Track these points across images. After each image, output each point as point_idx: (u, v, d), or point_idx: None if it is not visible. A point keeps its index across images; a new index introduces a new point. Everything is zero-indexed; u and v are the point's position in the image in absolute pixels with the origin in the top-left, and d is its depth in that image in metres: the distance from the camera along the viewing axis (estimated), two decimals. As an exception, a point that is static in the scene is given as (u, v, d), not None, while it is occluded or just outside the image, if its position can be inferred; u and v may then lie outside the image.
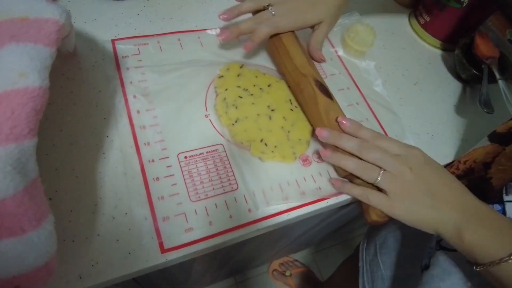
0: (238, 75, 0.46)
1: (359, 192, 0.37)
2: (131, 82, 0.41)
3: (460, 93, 0.57)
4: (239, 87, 0.45)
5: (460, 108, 0.55)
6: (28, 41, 0.23)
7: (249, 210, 0.37)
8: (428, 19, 0.60)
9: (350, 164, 0.37)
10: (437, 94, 0.55)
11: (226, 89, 0.45)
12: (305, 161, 0.41)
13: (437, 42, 0.61)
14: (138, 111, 0.39)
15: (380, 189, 0.37)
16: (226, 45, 0.48)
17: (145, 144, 0.38)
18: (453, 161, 0.48)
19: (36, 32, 0.24)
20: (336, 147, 0.39)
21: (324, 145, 0.42)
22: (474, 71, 0.54)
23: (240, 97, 0.45)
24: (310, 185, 0.40)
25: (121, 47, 0.44)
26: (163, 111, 0.40)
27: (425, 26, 0.61)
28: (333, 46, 0.54)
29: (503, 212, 0.39)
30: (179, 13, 0.50)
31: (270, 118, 0.43)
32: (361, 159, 0.37)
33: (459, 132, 0.52)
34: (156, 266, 0.33)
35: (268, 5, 0.44)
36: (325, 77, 0.50)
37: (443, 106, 0.54)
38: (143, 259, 0.32)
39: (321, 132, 0.39)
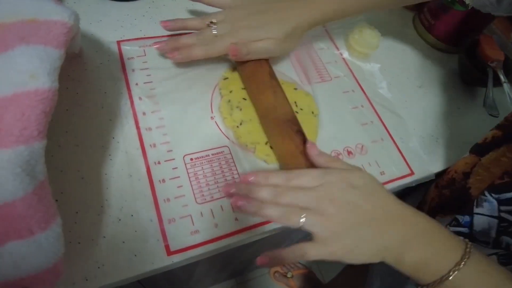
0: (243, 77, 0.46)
1: (288, 251, 0.31)
2: (136, 84, 0.41)
3: (464, 96, 0.57)
4: (243, 89, 0.45)
5: (465, 111, 0.55)
6: (38, 43, 0.23)
7: (255, 213, 0.37)
8: (432, 21, 0.60)
9: (269, 212, 0.31)
10: (441, 96, 0.55)
11: (230, 91, 0.45)
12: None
13: (441, 45, 0.61)
14: (143, 113, 0.39)
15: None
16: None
17: (150, 145, 0.38)
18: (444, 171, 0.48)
19: (45, 34, 0.24)
20: None
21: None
22: (479, 74, 0.54)
23: (245, 99, 0.44)
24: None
25: (126, 48, 0.44)
26: (168, 113, 0.40)
27: (429, 29, 0.61)
28: (337, 49, 0.53)
29: (471, 224, 0.38)
30: (185, 15, 0.50)
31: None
32: None
33: (464, 135, 0.52)
34: (162, 268, 0.32)
35: (211, 22, 0.41)
36: (329, 79, 0.50)
37: (447, 109, 0.54)
38: (149, 261, 0.32)
39: (227, 189, 0.34)
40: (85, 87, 0.41)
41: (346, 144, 0.44)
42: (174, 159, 0.37)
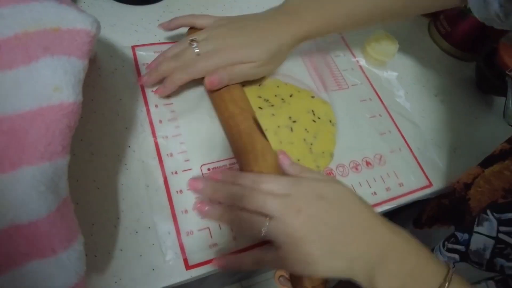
0: (259, 85, 0.45)
1: (245, 255, 0.31)
2: (152, 90, 0.41)
3: (482, 105, 0.56)
4: (259, 97, 0.44)
5: (483, 120, 0.54)
6: (62, 54, 0.22)
7: (273, 225, 0.36)
8: (449, 28, 0.59)
9: (226, 217, 0.31)
10: (458, 105, 0.54)
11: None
12: (329, 174, 0.40)
13: (458, 52, 0.60)
14: (160, 121, 0.39)
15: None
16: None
17: (167, 155, 0.37)
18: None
19: (69, 44, 0.23)
20: None
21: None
22: (497, 83, 0.53)
23: (260, 108, 0.44)
24: (334, 199, 0.39)
25: (141, 53, 0.43)
26: (185, 121, 0.39)
27: (445, 36, 0.60)
28: (354, 56, 0.53)
29: (468, 242, 0.37)
30: (199, 19, 0.50)
31: (291, 130, 0.42)
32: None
33: (482, 145, 0.51)
34: (180, 282, 0.32)
35: (193, 40, 0.38)
36: (346, 87, 0.49)
37: (465, 118, 0.53)
38: (167, 276, 0.31)
39: (195, 184, 0.33)
40: (100, 94, 0.40)
41: (364, 154, 0.43)
42: (191, 169, 0.37)
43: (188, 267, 0.32)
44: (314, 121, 0.44)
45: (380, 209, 0.40)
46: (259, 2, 0.54)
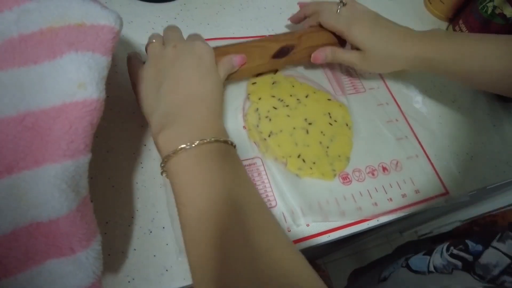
0: (273, 83, 0.45)
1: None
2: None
3: (499, 112, 0.55)
4: (273, 96, 0.44)
5: (501, 128, 0.53)
6: (86, 50, 0.22)
7: (288, 229, 0.35)
8: (468, 33, 0.57)
9: None
10: (475, 112, 0.53)
11: (259, 98, 0.43)
12: (345, 179, 0.40)
13: (476, 58, 0.58)
14: (175, 120, 0.38)
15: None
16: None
17: (183, 154, 0.36)
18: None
19: (93, 40, 0.22)
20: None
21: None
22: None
23: (275, 108, 0.43)
24: (350, 204, 0.38)
25: (157, 51, 0.43)
26: (201, 121, 0.39)
27: (464, 41, 0.58)
28: (371, 59, 0.52)
29: (479, 254, 0.37)
30: (216, 18, 0.49)
31: (307, 132, 0.42)
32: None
33: (500, 153, 0.50)
34: (193, 284, 0.31)
35: (341, 1, 0.44)
36: (363, 90, 0.48)
37: (482, 125, 0.52)
38: (181, 277, 0.31)
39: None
40: (116, 91, 0.39)
41: (381, 159, 0.43)
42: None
43: (202, 269, 0.31)
44: (330, 124, 0.43)
45: (396, 215, 0.40)
46: (276, 2, 0.54)
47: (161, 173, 0.29)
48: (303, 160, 0.40)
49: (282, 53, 0.40)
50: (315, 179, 0.39)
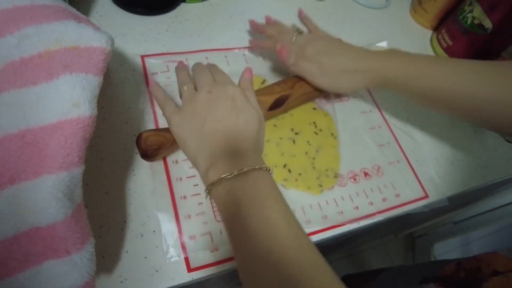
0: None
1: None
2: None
3: (480, 119, 0.57)
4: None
5: (481, 133, 0.55)
6: (80, 71, 0.24)
7: (272, 232, 0.37)
8: (450, 42, 0.60)
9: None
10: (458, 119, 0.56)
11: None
12: (331, 189, 0.42)
13: (459, 66, 0.61)
14: (167, 129, 0.40)
15: None
16: (251, 63, 0.49)
17: (173, 162, 0.38)
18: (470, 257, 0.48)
19: (86, 61, 0.25)
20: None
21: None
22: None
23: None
24: (332, 208, 0.40)
25: (150, 63, 0.45)
26: (191, 130, 0.41)
27: (447, 50, 0.61)
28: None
29: None
30: (206, 30, 0.52)
31: (293, 142, 0.44)
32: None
33: (479, 158, 0.52)
34: (182, 284, 0.33)
35: (297, 31, 0.46)
36: (347, 99, 0.50)
37: (463, 131, 0.54)
38: (170, 277, 0.33)
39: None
40: (110, 101, 0.42)
41: (362, 165, 0.45)
42: (195, 175, 0.38)
43: (190, 269, 0.33)
44: (316, 133, 0.45)
45: (375, 219, 0.42)
46: (265, 13, 0.56)
47: (206, 197, 0.32)
48: (289, 170, 0.41)
49: (277, 104, 0.42)
50: (300, 191, 0.41)
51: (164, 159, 0.39)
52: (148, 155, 0.35)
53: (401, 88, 0.41)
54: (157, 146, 0.35)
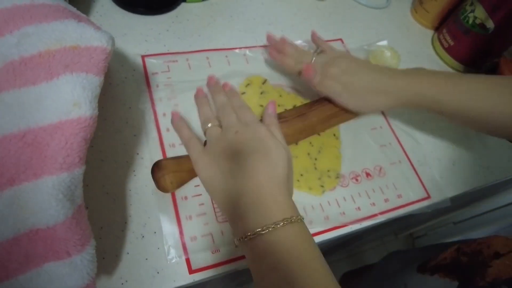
0: (261, 93, 0.47)
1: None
2: (160, 99, 0.42)
3: (481, 119, 0.57)
4: (261, 106, 0.46)
5: (483, 134, 0.55)
6: (81, 71, 0.24)
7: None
8: (451, 42, 0.60)
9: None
10: (458, 119, 0.55)
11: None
12: (332, 190, 0.42)
13: (460, 66, 0.61)
14: (167, 129, 0.40)
15: None
16: (252, 64, 0.49)
17: (174, 162, 0.38)
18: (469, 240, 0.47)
19: (87, 61, 0.24)
20: None
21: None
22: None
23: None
24: (334, 209, 0.40)
25: (151, 63, 0.45)
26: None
27: (448, 50, 0.61)
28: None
29: None
30: (207, 30, 0.51)
31: (296, 143, 0.44)
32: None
33: (481, 159, 0.52)
34: (183, 286, 0.33)
35: (315, 51, 0.46)
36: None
37: (465, 132, 0.54)
38: (171, 279, 0.33)
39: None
40: (110, 101, 0.41)
41: (364, 165, 0.45)
42: (196, 176, 0.38)
43: (191, 271, 0.33)
44: (318, 134, 0.45)
45: (377, 220, 0.42)
46: (265, 13, 0.56)
47: (235, 246, 0.32)
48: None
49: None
50: (302, 192, 0.41)
51: (165, 157, 0.38)
52: (167, 191, 0.36)
53: (429, 108, 0.42)
54: (177, 184, 0.35)
